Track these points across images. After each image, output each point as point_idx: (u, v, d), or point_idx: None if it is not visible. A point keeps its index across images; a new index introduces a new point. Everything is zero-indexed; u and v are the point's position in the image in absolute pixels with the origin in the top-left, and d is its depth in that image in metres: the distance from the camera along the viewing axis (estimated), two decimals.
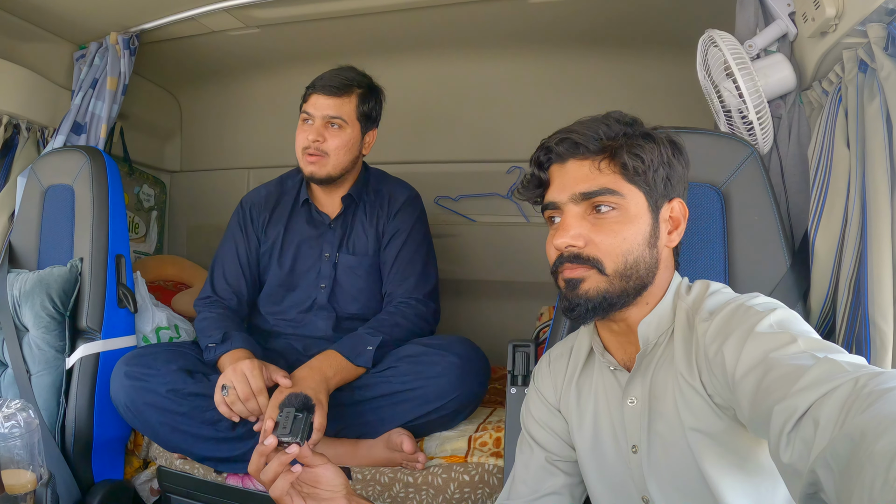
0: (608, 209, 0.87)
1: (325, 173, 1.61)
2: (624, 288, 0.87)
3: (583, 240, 0.86)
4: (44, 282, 1.62)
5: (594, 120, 0.91)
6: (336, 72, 1.62)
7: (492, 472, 1.40)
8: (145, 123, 2.69)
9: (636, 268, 0.87)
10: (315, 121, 1.59)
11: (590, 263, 0.86)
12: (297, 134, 1.62)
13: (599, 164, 0.88)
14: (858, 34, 1.04)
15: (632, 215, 0.87)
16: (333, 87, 1.59)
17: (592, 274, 0.86)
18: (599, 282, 0.86)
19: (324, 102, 1.58)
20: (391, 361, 1.47)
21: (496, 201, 2.48)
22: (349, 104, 1.60)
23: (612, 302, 0.87)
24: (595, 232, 0.87)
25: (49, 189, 1.85)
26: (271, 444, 0.94)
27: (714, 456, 0.81)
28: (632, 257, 0.86)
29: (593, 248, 0.86)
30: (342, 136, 1.60)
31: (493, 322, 2.49)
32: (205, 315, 1.62)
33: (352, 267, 1.68)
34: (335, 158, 1.61)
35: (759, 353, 0.71)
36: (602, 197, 0.87)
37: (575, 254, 0.87)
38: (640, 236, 0.87)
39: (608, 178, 0.87)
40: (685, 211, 0.93)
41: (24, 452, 1.16)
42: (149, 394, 1.44)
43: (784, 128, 1.31)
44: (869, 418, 0.52)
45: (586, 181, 0.88)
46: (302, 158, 1.61)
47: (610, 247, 0.86)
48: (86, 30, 2.07)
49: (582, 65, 2.31)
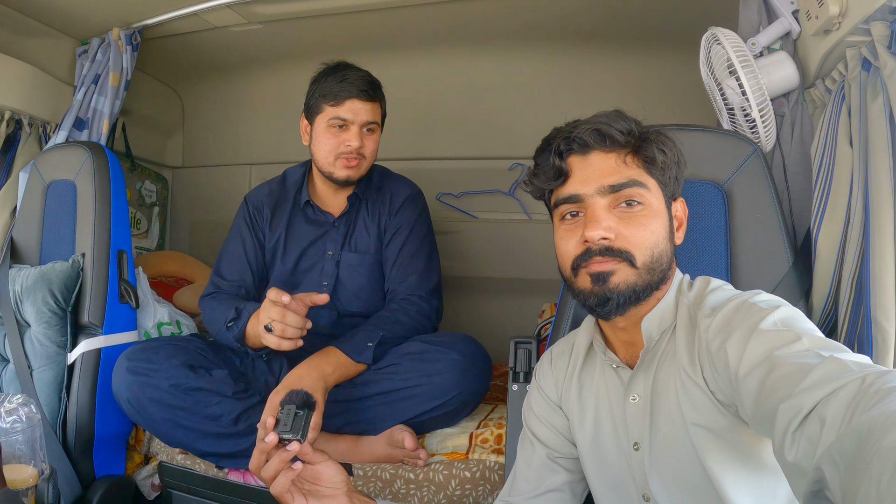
0: (636, 203, 0.87)
1: (359, 175, 1.63)
2: (650, 281, 0.87)
3: (613, 232, 0.85)
4: (45, 277, 1.62)
5: (615, 113, 0.90)
6: (362, 75, 1.59)
7: (493, 469, 1.40)
8: (147, 119, 2.69)
9: (660, 261, 0.87)
10: (353, 126, 1.57)
11: (622, 256, 0.85)
12: (327, 138, 1.59)
13: (626, 158, 0.88)
14: (862, 32, 1.04)
15: (655, 209, 0.88)
16: (368, 92, 1.57)
17: (622, 267, 0.85)
18: (629, 275, 0.85)
19: (362, 107, 1.57)
20: (393, 358, 1.47)
21: (498, 198, 2.48)
22: (379, 107, 1.62)
23: (639, 295, 0.87)
24: (624, 225, 0.86)
25: (51, 184, 1.85)
26: (272, 441, 0.94)
27: (716, 452, 0.81)
28: (658, 250, 0.87)
29: (623, 241, 0.85)
30: (375, 138, 1.62)
31: (495, 319, 2.49)
32: (211, 305, 1.62)
33: (354, 265, 1.68)
34: (369, 160, 1.63)
35: (762, 351, 0.71)
36: (631, 189, 0.86)
37: (606, 246, 0.85)
38: (663, 230, 0.88)
39: (634, 171, 0.87)
40: (686, 210, 0.96)
41: (25, 447, 1.16)
42: (151, 389, 1.44)
43: (787, 126, 1.31)
44: (876, 415, 0.51)
45: (614, 174, 0.87)
46: (334, 163, 1.60)
47: (640, 239, 0.86)
48: (88, 25, 2.07)
49: (585, 62, 2.31)
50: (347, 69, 1.60)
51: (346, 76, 1.57)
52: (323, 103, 1.58)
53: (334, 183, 1.64)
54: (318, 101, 1.59)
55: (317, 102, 1.60)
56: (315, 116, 1.61)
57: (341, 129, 1.58)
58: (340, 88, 1.56)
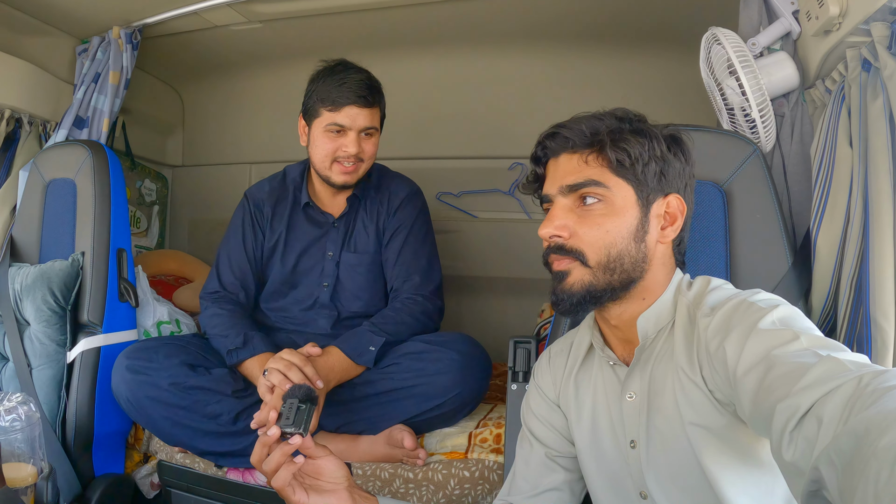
0: (594, 201, 0.88)
1: (357, 179, 1.62)
2: (609, 281, 0.87)
3: (567, 231, 0.88)
4: (45, 275, 1.62)
5: (589, 116, 0.92)
6: (361, 79, 1.55)
7: (492, 469, 1.40)
8: (147, 118, 2.69)
9: (620, 261, 0.87)
10: (351, 132, 1.54)
11: (573, 255, 0.88)
12: (324, 142, 1.56)
13: (587, 158, 0.90)
14: (862, 33, 1.04)
15: (617, 208, 0.88)
16: (367, 98, 1.54)
17: (576, 266, 0.88)
18: (584, 274, 0.88)
19: (360, 113, 1.53)
20: (393, 358, 1.47)
21: (498, 197, 2.48)
22: (378, 112, 1.59)
23: (596, 295, 0.88)
24: (580, 224, 0.88)
25: (51, 183, 1.84)
26: (274, 434, 0.94)
27: (714, 451, 0.81)
28: (615, 250, 0.87)
29: (576, 240, 0.88)
30: (374, 142, 1.60)
31: (495, 318, 2.49)
32: (215, 311, 1.61)
33: (353, 265, 1.68)
34: (367, 164, 1.62)
35: (761, 351, 0.71)
36: (587, 188, 0.88)
37: (559, 244, 0.89)
38: (624, 229, 0.87)
39: (594, 170, 0.88)
40: (683, 207, 0.92)
41: (24, 446, 1.16)
42: (150, 387, 1.44)
43: (787, 126, 1.31)
44: (873, 415, 0.51)
45: (574, 174, 0.89)
46: (330, 167, 1.58)
47: (593, 238, 0.87)
48: (88, 24, 2.06)
49: (585, 62, 2.31)
50: (346, 71, 1.55)
51: (345, 80, 1.53)
52: (321, 107, 1.55)
53: (332, 187, 1.63)
54: (315, 104, 1.56)
55: (314, 106, 1.56)
56: (313, 120, 1.58)
57: (339, 133, 1.55)
58: (339, 94, 1.52)
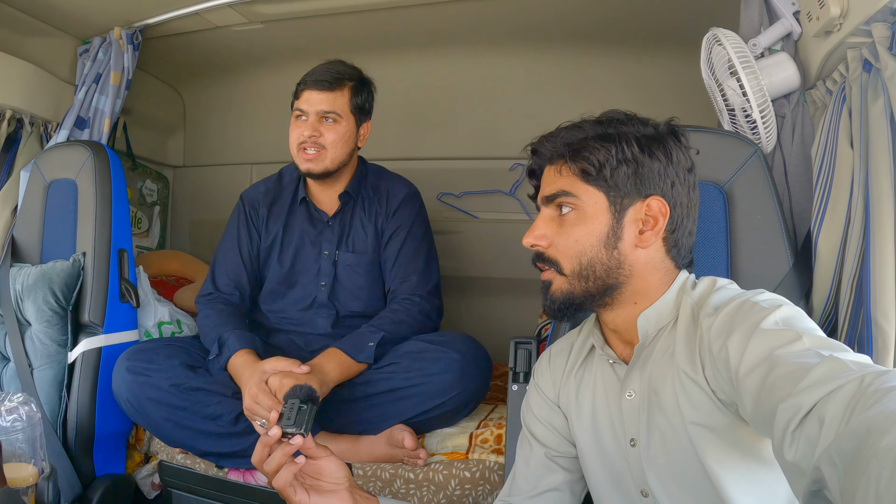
0: (568, 210, 0.90)
1: (323, 168, 1.61)
2: (586, 288, 0.90)
3: (546, 240, 0.91)
4: (46, 276, 1.62)
5: (569, 125, 0.94)
6: (326, 66, 1.61)
7: (493, 469, 1.40)
8: (148, 118, 2.69)
9: (592, 268, 0.89)
10: (309, 116, 1.58)
11: (550, 264, 0.91)
12: (291, 131, 1.61)
13: (561, 168, 0.92)
14: (863, 34, 1.04)
15: (588, 216, 0.89)
16: (326, 82, 1.58)
17: (555, 276, 0.91)
18: (562, 283, 0.91)
19: (317, 97, 1.58)
20: (393, 358, 1.47)
21: (499, 198, 2.48)
22: (342, 98, 1.60)
23: (576, 302, 0.90)
24: (557, 234, 0.91)
25: (52, 183, 1.85)
26: (275, 434, 0.94)
27: (716, 450, 0.81)
28: (586, 258, 0.89)
29: (553, 250, 0.91)
30: (338, 129, 1.60)
31: (495, 319, 2.48)
32: (206, 313, 1.62)
33: (352, 265, 1.68)
34: (332, 152, 1.60)
35: (763, 351, 0.71)
36: (560, 199, 0.91)
37: (538, 253, 0.92)
38: (593, 237, 0.88)
39: (566, 180, 0.90)
40: (665, 209, 0.88)
41: (25, 446, 1.16)
42: (151, 388, 1.44)
43: (788, 127, 1.31)
44: (874, 415, 0.52)
45: (550, 184, 0.92)
46: (297, 155, 1.61)
47: (564, 248, 0.90)
48: (89, 24, 2.07)
49: (585, 62, 2.31)
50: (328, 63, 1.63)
51: (314, 69, 1.61)
52: (293, 99, 1.63)
53: (309, 177, 1.66)
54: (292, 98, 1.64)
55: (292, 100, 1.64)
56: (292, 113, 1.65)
57: (301, 119, 1.60)
58: (301, 81, 1.61)
